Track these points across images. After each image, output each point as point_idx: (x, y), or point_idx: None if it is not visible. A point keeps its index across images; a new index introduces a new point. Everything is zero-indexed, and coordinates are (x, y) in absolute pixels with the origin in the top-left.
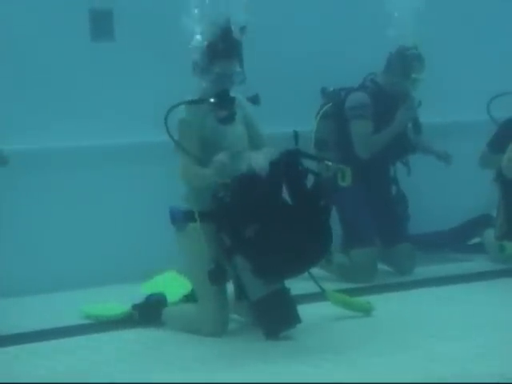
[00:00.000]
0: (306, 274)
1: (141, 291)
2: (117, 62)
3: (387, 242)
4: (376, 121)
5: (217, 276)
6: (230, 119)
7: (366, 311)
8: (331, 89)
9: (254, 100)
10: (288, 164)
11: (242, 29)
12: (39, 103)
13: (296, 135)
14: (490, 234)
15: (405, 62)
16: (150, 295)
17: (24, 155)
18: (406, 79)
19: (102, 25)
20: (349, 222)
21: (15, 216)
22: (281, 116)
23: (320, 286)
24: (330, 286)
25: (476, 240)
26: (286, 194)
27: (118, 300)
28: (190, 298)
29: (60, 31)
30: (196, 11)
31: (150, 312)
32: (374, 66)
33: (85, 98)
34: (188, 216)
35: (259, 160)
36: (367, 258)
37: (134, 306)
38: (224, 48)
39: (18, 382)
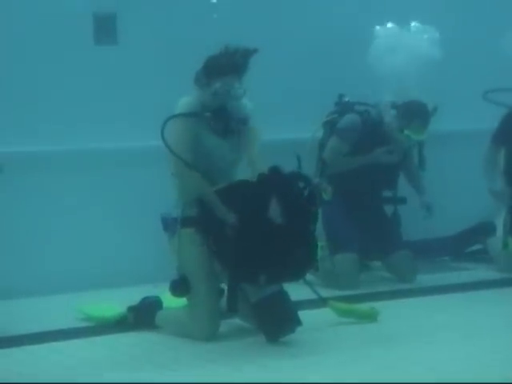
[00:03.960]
0: (313, 278)
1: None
2: (119, 65)
3: (385, 252)
4: (357, 146)
5: (179, 287)
6: (224, 132)
7: (372, 317)
8: (346, 99)
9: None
10: (276, 177)
11: (253, 51)
12: (38, 106)
13: (298, 159)
14: (493, 242)
15: (405, 117)
16: (146, 298)
17: (23, 158)
18: (399, 129)
19: (105, 29)
20: (332, 231)
21: (11, 219)
22: (285, 123)
23: (321, 297)
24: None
25: (477, 247)
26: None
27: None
28: None
29: (64, 35)
30: None
31: (144, 314)
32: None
33: (86, 102)
34: (179, 222)
35: None
36: (347, 264)
37: (130, 308)
38: (225, 64)
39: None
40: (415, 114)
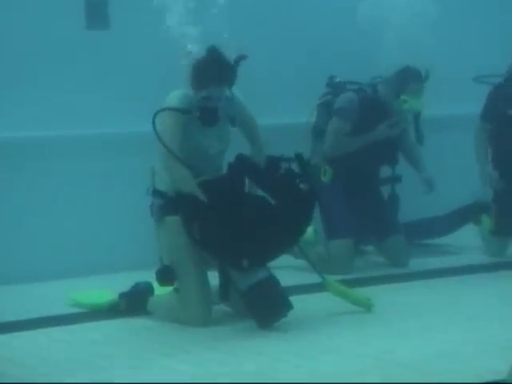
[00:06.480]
0: (303, 263)
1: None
2: (111, 50)
3: (379, 236)
4: (358, 125)
5: (164, 277)
6: (213, 122)
7: (366, 307)
8: (337, 79)
9: None
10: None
11: (241, 57)
12: (28, 91)
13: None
14: (486, 223)
15: (400, 82)
16: (137, 283)
17: (14, 144)
18: (396, 97)
19: (97, 13)
20: (328, 216)
21: (1, 206)
22: (278, 107)
23: (320, 275)
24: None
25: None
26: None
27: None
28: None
29: (55, 19)
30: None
31: (136, 301)
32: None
33: (78, 87)
34: (166, 209)
35: None
36: (342, 250)
37: (121, 295)
38: (214, 77)
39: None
40: (409, 77)
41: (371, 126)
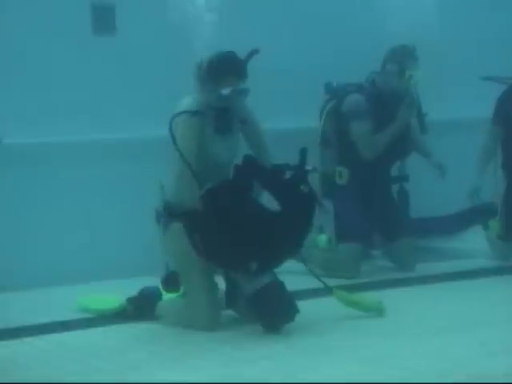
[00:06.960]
0: (310, 272)
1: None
2: (117, 56)
3: (388, 239)
4: (373, 122)
5: (170, 283)
6: (225, 130)
7: (378, 311)
8: (334, 84)
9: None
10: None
11: (253, 52)
12: (33, 97)
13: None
14: (493, 227)
15: (395, 62)
16: (145, 288)
17: (22, 150)
18: (401, 77)
19: (104, 19)
20: (340, 219)
21: (7, 211)
22: (283, 112)
23: (326, 285)
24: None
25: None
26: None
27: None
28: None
29: (62, 25)
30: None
31: (144, 306)
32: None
33: (83, 93)
34: (173, 216)
35: None
36: (350, 254)
37: (129, 300)
38: (230, 71)
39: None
40: (405, 51)
41: (388, 120)
